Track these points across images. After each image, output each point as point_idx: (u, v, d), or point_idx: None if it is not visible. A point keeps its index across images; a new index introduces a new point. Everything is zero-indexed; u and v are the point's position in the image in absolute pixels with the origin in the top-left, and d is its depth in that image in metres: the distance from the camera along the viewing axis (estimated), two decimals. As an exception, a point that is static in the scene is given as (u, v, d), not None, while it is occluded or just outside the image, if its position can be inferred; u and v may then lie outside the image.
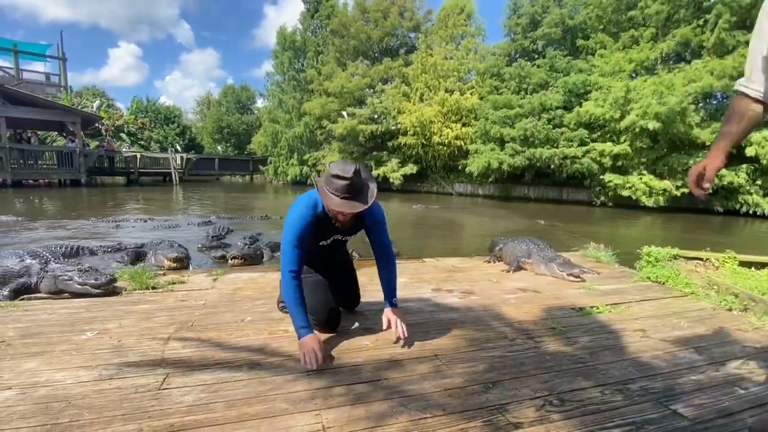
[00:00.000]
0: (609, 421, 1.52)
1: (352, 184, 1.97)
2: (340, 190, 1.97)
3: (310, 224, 2.13)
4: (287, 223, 2.14)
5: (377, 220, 2.33)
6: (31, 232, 7.55)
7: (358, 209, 2.01)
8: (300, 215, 2.12)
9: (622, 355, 2.14)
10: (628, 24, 16.56)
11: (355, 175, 1.97)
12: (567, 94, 16.56)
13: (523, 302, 3.14)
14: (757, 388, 1.82)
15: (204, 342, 2.25)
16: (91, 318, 2.62)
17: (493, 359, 2.07)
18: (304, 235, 2.12)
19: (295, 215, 2.13)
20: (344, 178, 1.95)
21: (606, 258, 4.81)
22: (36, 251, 3.52)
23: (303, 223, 2.11)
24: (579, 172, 15.95)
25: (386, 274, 2.39)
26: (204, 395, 1.66)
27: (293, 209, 2.17)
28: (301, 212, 2.13)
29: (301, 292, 2.10)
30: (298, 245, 2.10)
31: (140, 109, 31.84)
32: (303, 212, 2.13)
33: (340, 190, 1.97)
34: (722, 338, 2.44)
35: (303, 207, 2.15)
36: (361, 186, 2.05)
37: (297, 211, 2.14)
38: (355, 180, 1.97)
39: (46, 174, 18.57)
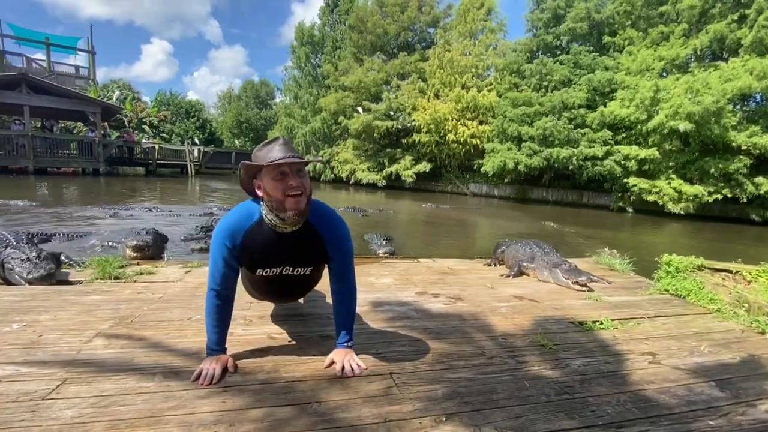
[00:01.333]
0: (588, 482, 1.14)
1: (286, 144, 1.67)
2: (277, 152, 1.61)
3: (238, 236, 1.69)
4: (213, 236, 1.73)
5: (340, 242, 1.81)
6: (35, 217, 7.59)
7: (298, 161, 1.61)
8: (228, 224, 1.70)
9: (621, 387, 1.73)
10: (658, 19, 15.62)
11: (284, 139, 1.72)
12: (591, 93, 15.77)
13: (515, 312, 2.75)
14: (796, 442, 1.39)
15: (132, 341, 1.97)
16: (31, 308, 2.39)
17: (458, 382, 1.70)
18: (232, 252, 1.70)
19: (222, 225, 1.72)
20: (273, 140, 1.69)
21: (621, 266, 4.33)
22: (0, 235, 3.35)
23: (230, 233, 1.68)
24: (600, 175, 15.18)
25: (344, 308, 1.88)
26: (88, 410, 1.37)
27: (221, 220, 1.76)
28: (229, 221, 1.71)
29: (222, 311, 1.74)
30: (224, 264, 1.70)
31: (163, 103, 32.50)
32: (232, 221, 1.71)
33: (276, 152, 1.62)
34: (753, 369, 1.99)
35: (233, 215, 1.73)
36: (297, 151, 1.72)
37: (225, 220, 1.73)
38: (287, 141, 1.70)
39: (66, 162, 19.05)
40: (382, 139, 22.31)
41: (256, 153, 1.67)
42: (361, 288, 3.11)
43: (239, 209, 1.75)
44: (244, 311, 2.46)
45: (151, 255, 3.99)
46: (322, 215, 1.78)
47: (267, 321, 2.35)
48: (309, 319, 2.43)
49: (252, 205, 1.74)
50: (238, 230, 1.69)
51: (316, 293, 2.94)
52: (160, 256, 4.25)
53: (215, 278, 1.71)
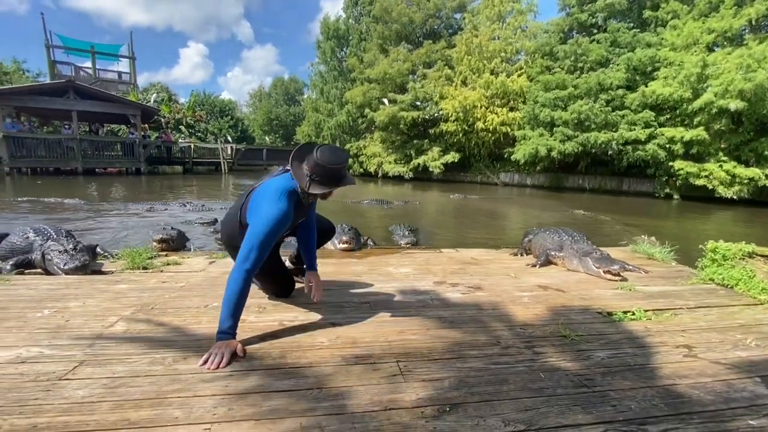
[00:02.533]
0: (600, 481, 1.04)
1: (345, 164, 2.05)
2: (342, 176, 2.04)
3: (291, 216, 2.01)
4: (265, 220, 1.90)
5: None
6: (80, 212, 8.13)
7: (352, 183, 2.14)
8: (283, 211, 1.94)
9: (648, 381, 1.59)
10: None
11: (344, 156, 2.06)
12: (630, 72, 14.76)
13: (537, 302, 2.61)
14: None
15: (150, 327, 2.04)
16: (63, 295, 2.53)
17: (468, 372, 1.62)
18: (283, 231, 2.01)
19: (276, 212, 1.92)
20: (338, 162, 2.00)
21: (661, 255, 4.04)
22: (40, 228, 3.58)
23: (286, 219, 1.96)
24: (642, 160, 14.23)
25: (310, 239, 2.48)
26: (99, 391, 1.42)
27: (271, 203, 1.94)
28: (282, 208, 1.94)
29: (245, 296, 1.85)
30: (270, 245, 1.93)
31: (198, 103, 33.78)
32: (285, 207, 1.96)
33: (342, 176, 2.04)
34: (807, 365, 1.77)
35: (283, 201, 1.97)
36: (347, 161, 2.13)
37: (277, 207, 1.94)
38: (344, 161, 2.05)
39: (111, 163, 20.27)
40: (409, 131, 22.05)
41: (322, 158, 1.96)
42: (378, 277, 3.12)
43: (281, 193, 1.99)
44: (259, 299, 2.49)
45: (175, 247, 4.16)
46: None
47: (280, 309, 2.36)
48: (321, 307, 2.42)
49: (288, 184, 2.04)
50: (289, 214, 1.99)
51: (328, 283, 2.93)
52: (184, 248, 4.42)
53: (261, 258, 1.88)
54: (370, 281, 3.03)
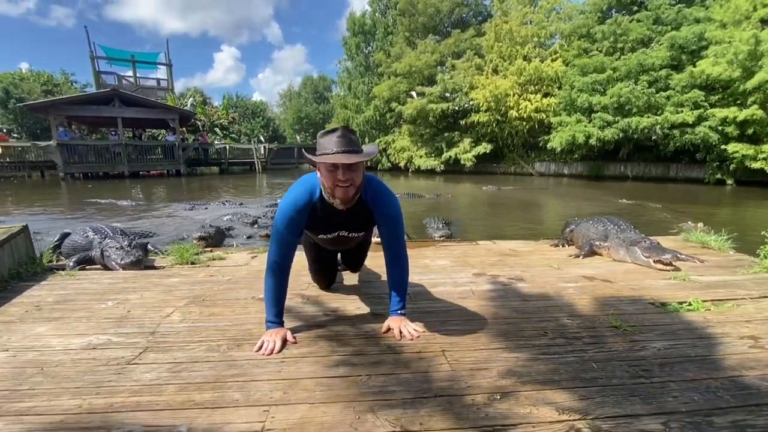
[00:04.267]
0: (667, 473, 1.00)
1: (344, 137, 1.74)
2: (333, 144, 1.72)
3: (304, 211, 1.89)
4: (279, 209, 1.91)
5: (388, 214, 1.96)
6: (131, 212, 8.69)
7: (353, 159, 1.72)
8: (294, 199, 1.88)
9: (712, 372, 1.50)
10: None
11: (345, 129, 1.76)
12: (676, 51, 13.79)
13: (583, 293, 2.52)
14: None
15: (203, 317, 2.15)
16: (123, 289, 2.72)
17: (516, 362, 1.60)
18: (297, 222, 1.89)
19: (288, 200, 1.90)
20: (333, 130, 1.77)
21: (717, 243, 3.78)
22: (99, 227, 3.85)
23: (296, 208, 1.87)
24: (692, 144, 13.29)
25: (395, 276, 2.00)
26: (165, 375, 1.52)
27: (287, 193, 1.93)
28: (295, 196, 1.89)
29: (279, 287, 1.89)
30: (289, 233, 1.88)
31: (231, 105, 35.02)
32: (297, 196, 1.88)
33: (332, 144, 1.73)
34: None
35: (298, 191, 1.90)
36: (356, 142, 1.78)
37: (291, 195, 1.91)
38: (346, 133, 1.75)
39: (153, 166, 21.42)
40: (439, 123, 21.74)
41: (318, 139, 1.80)
42: (415, 269, 3.11)
43: (303, 186, 1.91)
44: (302, 290, 2.57)
45: (214, 244, 4.40)
46: (376, 191, 1.95)
47: (323, 299, 2.42)
48: (363, 298, 2.46)
49: (314, 181, 1.90)
50: (303, 206, 1.88)
51: (370, 274, 2.97)
52: (222, 245, 4.65)
53: (279, 250, 1.88)
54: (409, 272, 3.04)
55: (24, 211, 9.38)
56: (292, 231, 1.89)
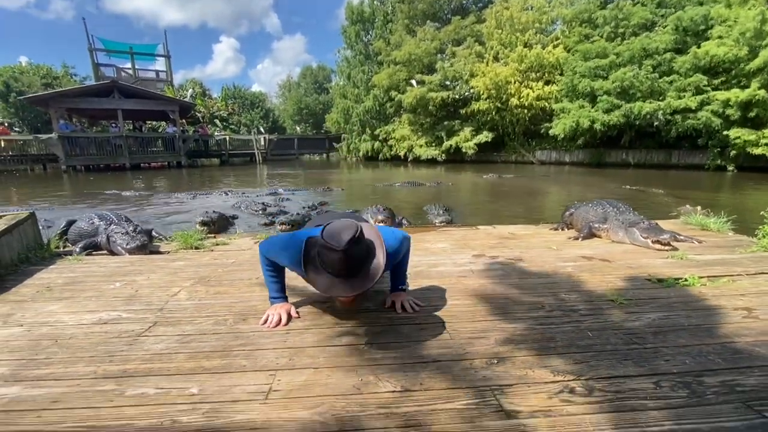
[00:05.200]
0: (655, 424, 1.04)
1: (348, 258, 1.46)
2: (333, 267, 1.49)
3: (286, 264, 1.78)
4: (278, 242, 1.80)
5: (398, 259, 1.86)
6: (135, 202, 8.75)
7: (355, 291, 1.50)
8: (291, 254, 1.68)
9: (704, 339, 1.54)
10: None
11: (350, 245, 1.45)
12: (680, 34, 13.61)
13: (582, 271, 2.56)
14: None
15: (209, 295, 2.21)
16: (129, 271, 2.77)
17: (513, 331, 1.65)
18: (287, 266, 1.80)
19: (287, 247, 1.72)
20: (335, 249, 1.45)
21: (716, 225, 3.81)
22: (104, 214, 3.90)
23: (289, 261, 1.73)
24: (694, 130, 13.20)
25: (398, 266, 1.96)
26: (174, 345, 1.57)
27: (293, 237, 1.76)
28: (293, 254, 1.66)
29: (275, 271, 1.88)
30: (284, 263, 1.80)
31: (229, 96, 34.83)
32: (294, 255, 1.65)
33: (332, 266, 1.49)
34: None
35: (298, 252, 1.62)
36: (361, 257, 1.52)
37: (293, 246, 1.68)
38: (351, 252, 1.46)
39: (154, 158, 21.42)
40: (439, 112, 21.60)
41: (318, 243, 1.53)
42: (416, 252, 3.15)
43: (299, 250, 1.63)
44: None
45: (216, 230, 4.44)
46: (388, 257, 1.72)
47: (325, 279, 2.47)
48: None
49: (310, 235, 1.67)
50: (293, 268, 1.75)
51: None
52: (226, 232, 4.69)
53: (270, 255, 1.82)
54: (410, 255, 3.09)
55: (28, 202, 9.46)
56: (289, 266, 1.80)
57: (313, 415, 1.10)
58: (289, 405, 1.15)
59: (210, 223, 4.66)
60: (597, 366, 1.35)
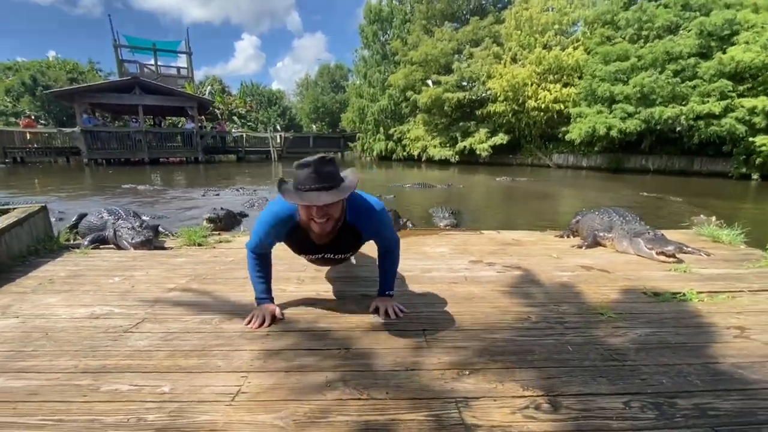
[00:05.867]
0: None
1: (319, 172, 1.57)
2: (306, 179, 1.57)
3: (284, 226, 1.80)
4: (260, 218, 1.85)
5: (378, 231, 1.90)
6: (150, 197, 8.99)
7: (326, 200, 1.56)
8: (275, 214, 1.78)
9: (687, 358, 1.50)
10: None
11: (320, 162, 1.58)
12: (704, 38, 13.15)
13: (577, 281, 2.52)
14: None
15: (201, 293, 2.26)
16: (130, 266, 2.86)
17: (493, 342, 1.63)
18: (276, 234, 1.84)
19: (269, 211, 1.81)
20: (308, 164, 1.59)
21: (729, 237, 3.68)
22: (113, 209, 4.02)
23: (276, 222, 1.79)
24: (717, 137, 12.74)
25: (385, 266, 2.01)
26: (157, 342, 1.62)
27: (270, 205, 1.85)
28: (276, 212, 1.78)
29: (262, 267, 1.93)
30: (267, 240, 1.86)
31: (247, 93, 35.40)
32: (279, 212, 1.77)
33: (303, 181, 1.58)
34: None
35: (281, 207, 1.76)
36: (332, 176, 1.61)
37: (273, 208, 1.79)
38: (321, 167, 1.58)
39: (172, 153, 21.99)
40: (454, 112, 21.44)
41: (295, 170, 1.66)
42: (413, 255, 3.16)
43: (282, 208, 1.76)
44: (299, 272, 2.64)
45: (223, 227, 4.50)
46: (360, 213, 1.81)
47: (318, 281, 2.50)
48: (356, 280, 2.52)
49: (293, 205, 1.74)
50: (281, 227, 1.80)
51: (365, 258, 3.03)
52: (233, 228, 4.76)
53: (256, 246, 1.88)
54: (405, 258, 3.07)
55: (49, 193, 9.82)
56: (271, 241, 1.87)
57: (274, 419, 1.12)
58: (253, 408, 1.17)
59: (216, 220, 4.74)
60: (569, 382, 1.33)
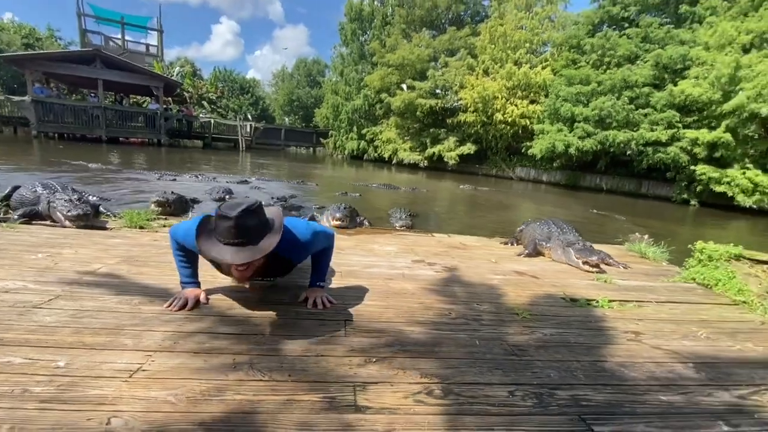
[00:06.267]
0: (487, 428, 1.12)
1: (238, 227, 1.51)
2: (222, 233, 1.53)
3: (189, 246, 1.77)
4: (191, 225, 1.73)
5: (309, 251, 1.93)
6: (100, 176, 8.51)
7: (243, 260, 1.51)
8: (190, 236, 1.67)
9: (581, 356, 1.64)
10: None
11: (243, 216, 1.51)
12: (659, 70, 14.18)
13: (507, 284, 2.66)
14: (756, 428, 1.25)
15: (130, 274, 2.20)
16: (59, 243, 2.73)
17: (408, 335, 1.71)
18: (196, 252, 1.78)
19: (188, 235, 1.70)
20: (227, 218, 1.51)
21: (654, 254, 4.00)
22: (48, 182, 3.80)
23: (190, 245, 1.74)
24: (663, 163, 13.76)
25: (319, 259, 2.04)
26: (65, 319, 1.57)
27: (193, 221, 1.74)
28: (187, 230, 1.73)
29: (185, 256, 1.90)
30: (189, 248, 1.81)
31: (219, 79, 34.26)
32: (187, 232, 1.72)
33: (222, 234, 1.53)
34: (750, 359, 1.79)
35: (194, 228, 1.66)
36: (254, 231, 1.56)
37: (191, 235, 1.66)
38: (243, 221, 1.51)
39: (133, 133, 20.90)
40: (426, 118, 21.80)
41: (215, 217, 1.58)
42: (359, 253, 3.22)
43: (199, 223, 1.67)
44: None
45: (172, 212, 4.36)
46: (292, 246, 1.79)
47: (254, 270, 2.48)
48: (295, 271, 2.52)
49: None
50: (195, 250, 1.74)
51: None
52: (183, 214, 4.62)
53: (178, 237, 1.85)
54: (352, 255, 3.13)
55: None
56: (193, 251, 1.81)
57: (167, 396, 1.13)
58: (150, 384, 1.18)
59: (165, 204, 4.58)
60: (467, 372, 1.42)
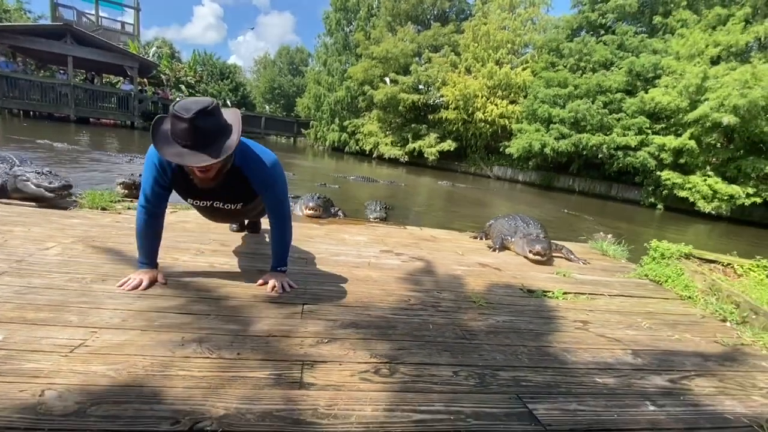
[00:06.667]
0: (427, 404, 1.16)
1: (196, 129, 1.45)
2: (180, 136, 1.47)
3: (165, 173, 1.72)
4: (145, 160, 1.75)
5: (268, 184, 1.85)
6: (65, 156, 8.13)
7: (202, 163, 1.47)
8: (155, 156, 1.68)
9: (528, 341, 1.72)
10: (718, 0, 14.17)
11: (199, 116, 1.45)
12: (632, 77, 14.69)
13: (469, 275, 2.73)
14: (680, 408, 1.35)
15: (85, 254, 2.13)
16: (12, 221, 2.61)
17: (365, 318, 1.74)
18: (161, 175, 1.73)
19: (151, 155, 1.70)
20: (183, 119, 1.44)
21: (614, 252, 4.18)
22: (6, 156, 3.62)
23: (155, 167, 1.71)
24: (632, 167, 14.32)
25: (276, 236, 2.00)
26: (9, 295, 1.52)
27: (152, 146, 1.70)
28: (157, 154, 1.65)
29: (150, 227, 1.84)
30: (155, 184, 1.76)
31: (198, 63, 33.14)
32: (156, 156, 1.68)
33: (178, 135, 1.47)
34: (687, 348, 1.91)
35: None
36: (213, 133, 1.50)
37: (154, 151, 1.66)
38: (201, 122, 1.45)
39: (104, 114, 19.97)
40: (408, 113, 21.83)
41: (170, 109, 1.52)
42: (329, 242, 3.23)
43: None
44: (202, 245, 2.58)
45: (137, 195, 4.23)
46: (249, 159, 1.79)
47: (218, 254, 2.46)
48: (260, 257, 2.51)
49: None
50: (163, 169, 1.73)
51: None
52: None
53: (146, 194, 1.80)
54: (320, 243, 3.14)
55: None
56: (158, 189, 1.76)
57: (107, 370, 1.12)
58: (90, 360, 1.16)
59: (132, 186, 4.44)
60: (416, 353, 1.47)
